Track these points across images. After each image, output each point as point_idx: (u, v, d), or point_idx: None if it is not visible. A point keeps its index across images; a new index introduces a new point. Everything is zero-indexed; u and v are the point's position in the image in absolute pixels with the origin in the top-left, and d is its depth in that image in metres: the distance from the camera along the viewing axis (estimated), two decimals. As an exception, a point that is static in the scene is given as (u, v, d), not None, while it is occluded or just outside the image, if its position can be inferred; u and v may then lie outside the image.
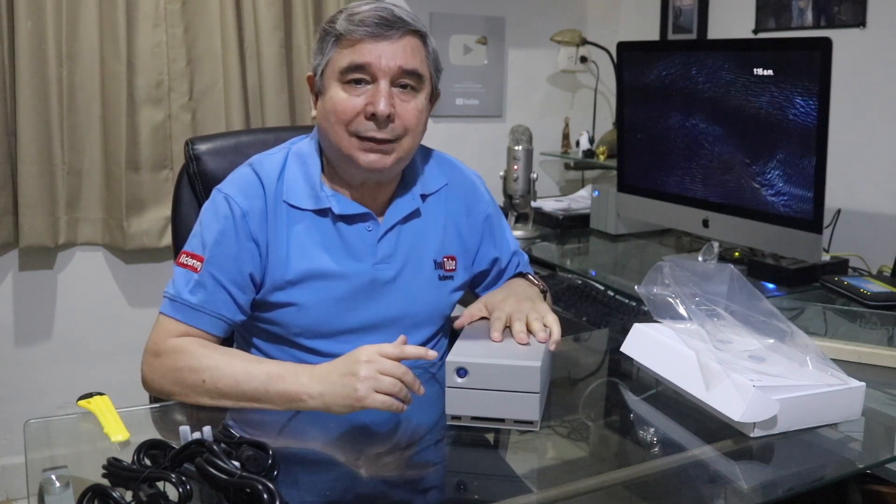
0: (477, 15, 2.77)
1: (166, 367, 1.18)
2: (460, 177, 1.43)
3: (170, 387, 1.18)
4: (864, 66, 2.13)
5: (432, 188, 1.38)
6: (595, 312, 1.81)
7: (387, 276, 1.31)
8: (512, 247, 1.48)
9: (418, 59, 1.24)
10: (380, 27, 1.20)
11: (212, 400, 1.15)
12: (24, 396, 2.37)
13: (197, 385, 1.15)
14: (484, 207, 1.44)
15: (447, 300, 1.40)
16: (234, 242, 1.25)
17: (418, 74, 1.24)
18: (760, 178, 1.84)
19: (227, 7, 2.32)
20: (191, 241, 1.28)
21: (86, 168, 2.29)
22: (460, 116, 2.81)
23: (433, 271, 1.36)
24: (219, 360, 1.16)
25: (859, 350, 1.35)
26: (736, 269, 1.25)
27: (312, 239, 1.28)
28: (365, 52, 1.21)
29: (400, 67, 1.21)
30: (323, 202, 1.28)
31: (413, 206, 1.34)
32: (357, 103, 1.22)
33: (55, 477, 0.96)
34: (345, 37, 1.22)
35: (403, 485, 1.01)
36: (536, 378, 1.06)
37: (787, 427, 1.07)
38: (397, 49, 1.21)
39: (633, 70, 2.15)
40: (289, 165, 1.30)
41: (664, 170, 2.11)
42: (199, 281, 1.23)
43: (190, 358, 1.17)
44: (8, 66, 2.16)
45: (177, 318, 1.22)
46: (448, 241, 1.38)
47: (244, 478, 0.83)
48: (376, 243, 1.30)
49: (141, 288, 2.46)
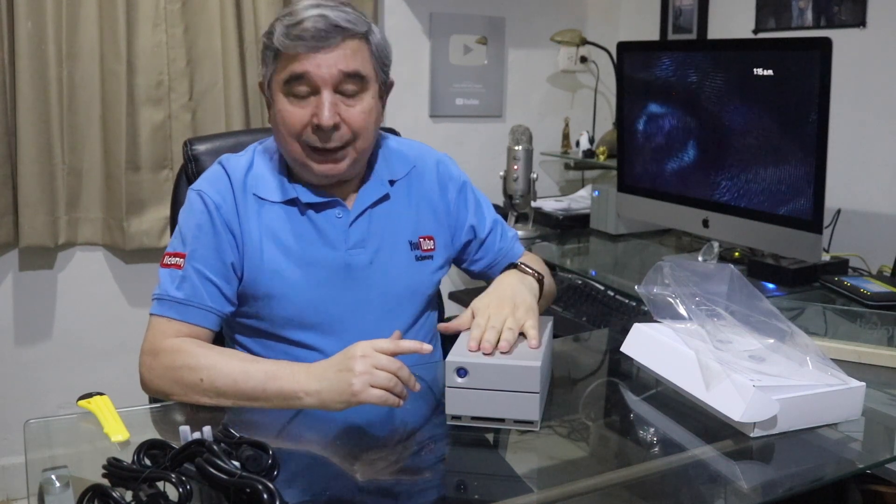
0: (477, 15, 2.77)
1: (164, 367, 1.19)
2: (428, 157, 1.45)
3: (168, 387, 1.18)
4: (864, 66, 2.13)
5: (400, 173, 1.40)
6: (595, 312, 1.81)
7: (362, 261, 1.33)
8: (490, 217, 1.48)
9: (359, 60, 1.25)
10: (316, 40, 1.20)
11: (210, 399, 1.15)
12: (24, 396, 2.37)
13: (195, 384, 1.16)
14: (455, 181, 1.45)
15: (428, 280, 1.40)
16: (212, 234, 1.27)
17: (360, 76, 1.25)
18: (760, 178, 1.84)
19: (227, 7, 2.32)
20: (171, 242, 1.31)
21: (86, 168, 2.29)
22: (460, 116, 2.81)
23: (409, 252, 1.38)
24: (217, 359, 1.17)
25: (859, 350, 1.35)
26: (736, 269, 1.25)
27: (284, 229, 1.30)
28: (304, 63, 1.22)
29: (340, 71, 1.23)
30: (290, 193, 1.31)
31: (382, 192, 1.36)
32: (303, 116, 1.24)
33: (55, 477, 0.96)
34: (282, 52, 1.23)
35: (403, 485, 1.01)
36: (536, 378, 1.06)
37: (787, 427, 1.07)
38: (336, 56, 1.22)
39: (633, 70, 2.15)
40: (256, 162, 1.34)
41: (664, 170, 2.11)
42: (184, 276, 1.25)
43: (188, 357, 1.18)
44: (8, 66, 2.16)
45: (168, 316, 1.23)
46: (423, 222, 1.40)
47: (244, 478, 0.83)
48: (347, 229, 1.32)
49: (141, 288, 2.46)
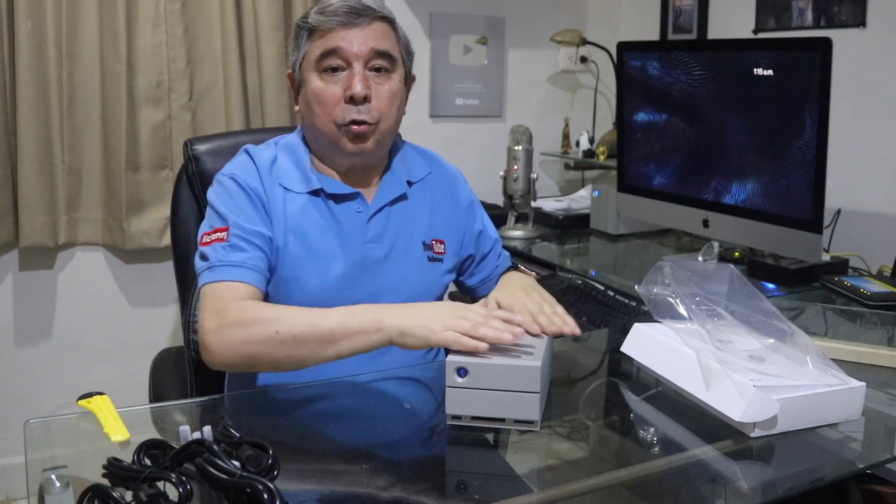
0: (477, 15, 2.77)
1: (236, 326, 1.16)
2: (442, 168, 1.52)
3: (243, 347, 1.15)
4: (864, 66, 2.13)
5: (417, 176, 1.45)
6: (595, 312, 1.81)
7: (377, 255, 1.36)
8: (492, 235, 1.55)
9: (389, 42, 1.32)
10: (349, 15, 1.29)
11: (287, 350, 1.14)
12: (24, 396, 2.37)
13: (272, 337, 1.14)
14: (467, 194, 1.52)
15: (438, 282, 1.44)
16: (251, 208, 1.30)
17: (390, 56, 1.32)
18: (760, 178, 1.84)
19: (227, 7, 2.32)
20: (207, 222, 1.31)
21: (86, 168, 2.29)
22: (460, 116, 2.81)
23: (422, 252, 1.41)
24: (287, 310, 1.19)
25: (859, 350, 1.35)
26: (736, 269, 1.25)
27: (306, 219, 1.33)
28: (337, 38, 1.29)
29: (372, 49, 1.29)
30: (314, 184, 1.34)
31: (400, 191, 1.40)
32: (336, 91, 1.29)
33: (55, 477, 0.95)
34: (317, 29, 1.30)
35: (403, 485, 1.01)
36: (536, 378, 1.06)
37: (787, 427, 1.07)
38: (367, 34, 1.30)
39: (633, 70, 2.15)
40: (279, 156, 1.37)
41: (664, 170, 2.11)
42: (231, 244, 1.25)
43: (256, 312, 1.17)
44: (8, 66, 2.16)
45: (223, 280, 1.22)
46: (436, 225, 1.44)
47: (244, 478, 0.83)
48: (366, 223, 1.36)
49: (141, 288, 2.46)
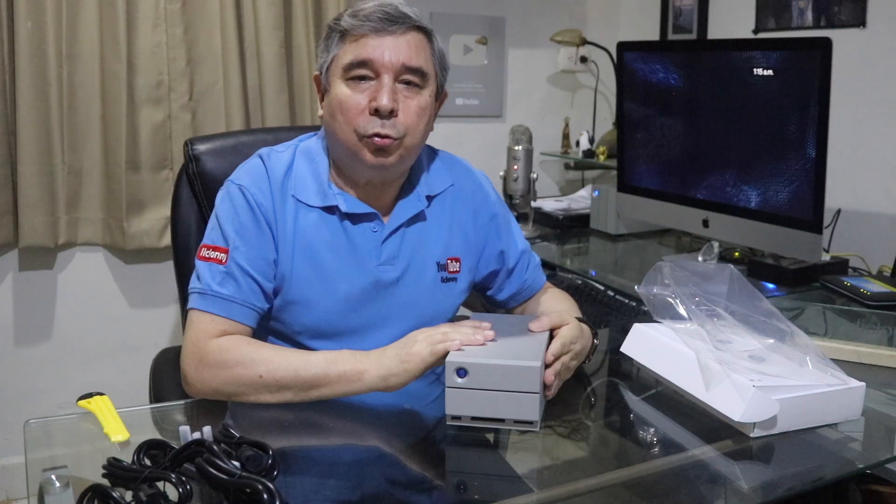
0: (477, 15, 2.77)
1: (216, 368, 1.16)
2: (466, 177, 1.43)
3: (224, 388, 1.16)
4: (864, 66, 2.13)
5: (438, 189, 1.38)
6: (595, 312, 1.81)
7: (390, 278, 1.31)
8: (520, 246, 1.47)
9: (422, 57, 1.24)
10: (383, 22, 1.21)
11: (271, 395, 1.14)
12: (24, 396, 2.36)
13: (254, 381, 1.14)
14: (490, 208, 1.43)
15: (450, 302, 1.39)
16: (255, 231, 1.25)
17: (422, 72, 1.24)
18: (760, 178, 1.84)
19: (227, 7, 2.31)
20: (210, 234, 1.27)
21: (86, 168, 2.29)
22: (460, 116, 2.81)
23: (436, 273, 1.36)
24: (271, 353, 1.16)
25: (859, 350, 1.35)
26: (736, 269, 1.25)
27: (317, 237, 1.28)
28: (369, 47, 1.21)
29: (403, 64, 1.22)
30: (330, 199, 1.28)
31: (418, 208, 1.34)
32: (360, 100, 1.22)
33: (55, 477, 0.95)
34: (349, 32, 1.23)
35: (403, 485, 1.01)
36: (536, 378, 1.06)
37: (787, 427, 1.07)
38: (401, 44, 1.22)
39: (633, 70, 2.15)
40: (297, 162, 1.30)
41: (664, 170, 2.11)
42: (227, 272, 1.22)
43: (239, 354, 1.16)
44: (8, 66, 2.16)
45: (211, 312, 1.20)
46: (453, 243, 1.38)
47: (244, 478, 0.83)
48: (381, 244, 1.30)
49: (141, 288, 2.46)
